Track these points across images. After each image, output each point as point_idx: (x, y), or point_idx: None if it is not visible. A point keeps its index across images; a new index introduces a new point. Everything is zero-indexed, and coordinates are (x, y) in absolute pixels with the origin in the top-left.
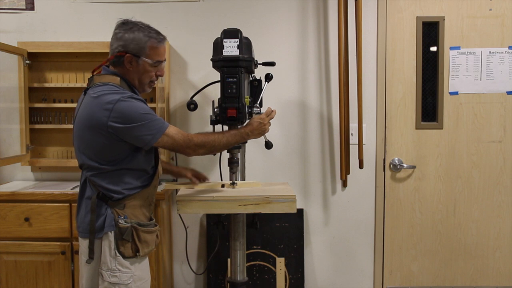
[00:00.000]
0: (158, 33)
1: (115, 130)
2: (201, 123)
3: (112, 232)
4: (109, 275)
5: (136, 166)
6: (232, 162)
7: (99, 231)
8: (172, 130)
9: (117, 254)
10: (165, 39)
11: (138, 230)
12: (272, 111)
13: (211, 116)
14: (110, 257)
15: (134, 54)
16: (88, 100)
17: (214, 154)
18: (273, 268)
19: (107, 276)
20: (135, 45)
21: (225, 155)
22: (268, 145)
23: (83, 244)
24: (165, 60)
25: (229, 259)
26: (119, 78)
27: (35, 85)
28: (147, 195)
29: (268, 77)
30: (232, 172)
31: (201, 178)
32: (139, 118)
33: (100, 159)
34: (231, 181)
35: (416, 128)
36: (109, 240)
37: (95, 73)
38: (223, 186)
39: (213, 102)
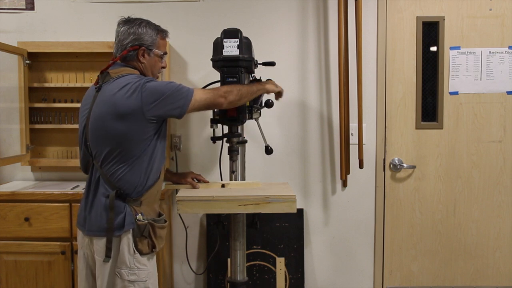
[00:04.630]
0: (161, 27)
1: (151, 109)
2: (201, 123)
3: (131, 230)
4: (128, 274)
5: (155, 158)
6: (232, 151)
7: (118, 229)
8: (198, 91)
9: (135, 251)
10: (168, 32)
11: (154, 226)
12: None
13: (211, 121)
14: (129, 255)
15: (147, 47)
16: (110, 93)
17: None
18: (273, 268)
19: (126, 274)
20: (148, 38)
21: (226, 153)
22: (268, 149)
23: (98, 244)
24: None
25: (229, 259)
26: (137, 71)
27: (35, 85)
28: (157, 190)
29: (268, 103)
30: (232, 160)
31: (201, 181)
32: (167, 88)
33: (128, 144)
34: (231, 170)
35: (416, 128)
36: (128, 238)
37: (109, 70)
38: (223, 186)
39: None
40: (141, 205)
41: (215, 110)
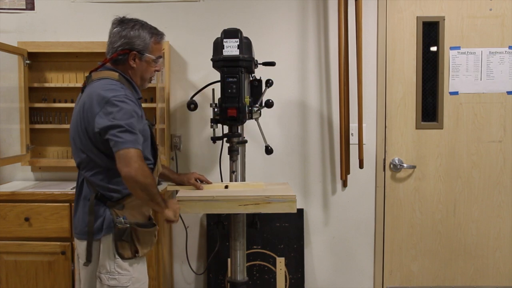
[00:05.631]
0: (157, 29)
1: (97, 124)
2: (201, 123)
3: (111, 234)
4: (108, 278)
5: None
6: (232, 151)
7: (97, 233)
8: (134, 151)
9: (116, 256)
10: (164, 35)
11: (137, 230)
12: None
13: (212, 121)
14: (109, 259)
15: (139, 51)
16: (85, 96)
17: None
18: (273, 268)
19: (105, 279)
20: (140, 42)
21: (226, 153)
22: (268, 149)
23: (80, 247)
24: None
25: (229, 259)
26: (117, 73)
27: (35, 85)
28: None
29: (269, 83)
30: (232, 160)
31: (204, 182)
32: (117, 125)
33: (97, 155)
34: (231, 170)
35: (416, 128)
36: (107, 242)
37: (95, 71)
38: (226, 187)
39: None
40: (123, 209)
41: (215, 110)
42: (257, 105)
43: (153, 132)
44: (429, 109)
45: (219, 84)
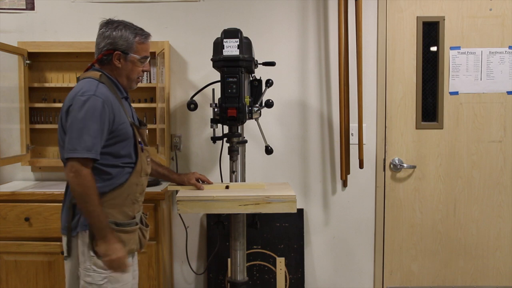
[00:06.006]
0: (142, 30)
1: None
2: (201, 123)
3: (87, 231)
4: (85, 274)
5: (113, 164)
6: (232, 151)
7: (74, 229)
8: (80, 165)
9: (91, 253)
10: (150, 35)
11: (113, 230)
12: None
13: (212, 121)
14: (84, 256)
15: (123, 51)
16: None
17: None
18: (273, 268)
19: (83, 275)
20: (123, 42)
21: (226, 153)
22: (268, 149)
23: (63, 241)
24: (150, 55)
25: (229, 259)
26: (99, 73)
27: (35, 85)
28: (127, 194)
29: (268, 83)
30: (232, 160)
31: (205, 182)
32: (75, 124)
33: None
34: (231, 170)
35: (416, 128)
36: (83, 239)
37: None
38: (227, 187)
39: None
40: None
41: (215, 109)
42: (257, 105)
43: (136, 131)
44: (429, 109)
45: (219, 84)
